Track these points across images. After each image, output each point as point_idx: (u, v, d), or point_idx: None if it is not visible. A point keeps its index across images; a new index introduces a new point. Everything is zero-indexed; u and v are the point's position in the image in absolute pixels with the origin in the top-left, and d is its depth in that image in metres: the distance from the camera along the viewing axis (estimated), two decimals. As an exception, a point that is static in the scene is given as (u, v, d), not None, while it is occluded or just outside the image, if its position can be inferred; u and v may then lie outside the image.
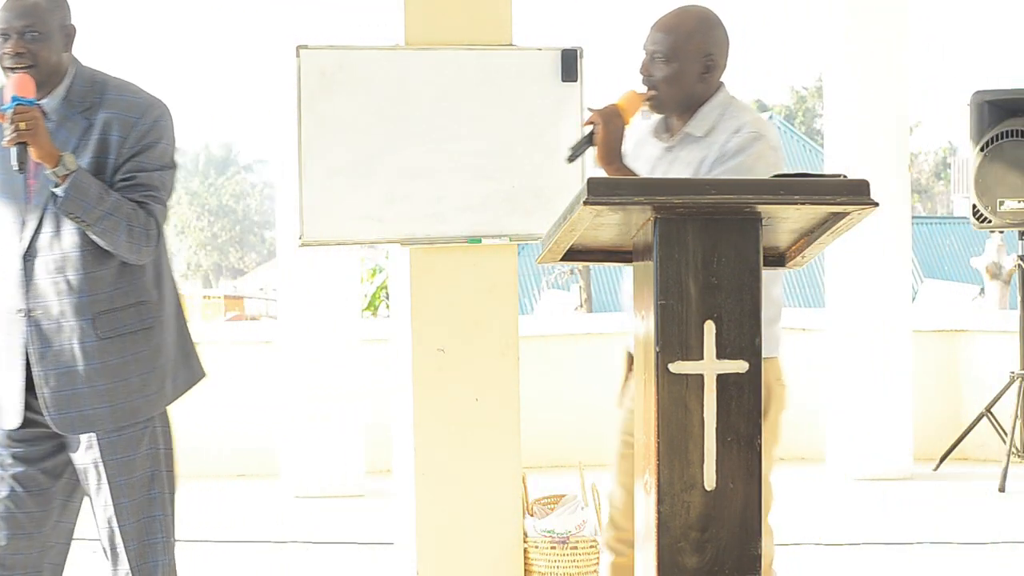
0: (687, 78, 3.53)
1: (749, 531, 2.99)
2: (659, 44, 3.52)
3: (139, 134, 3.57)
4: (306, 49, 4.97)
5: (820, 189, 2.99)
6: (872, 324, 7.62)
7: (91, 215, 3.47)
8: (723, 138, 3.49)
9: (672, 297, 2.98)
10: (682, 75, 3.52)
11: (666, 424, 2.97)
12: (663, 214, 2.97)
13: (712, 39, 3.55)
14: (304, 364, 7.29)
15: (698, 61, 3.53)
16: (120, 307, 3.59)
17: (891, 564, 5.95)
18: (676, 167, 3.55)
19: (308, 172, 4.94)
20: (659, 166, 3.59)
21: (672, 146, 3.59)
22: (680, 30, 3.52)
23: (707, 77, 3.55)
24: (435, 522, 5.12)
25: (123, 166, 3.56)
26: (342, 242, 5.18)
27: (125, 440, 3.67)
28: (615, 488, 3.69)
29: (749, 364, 2.99)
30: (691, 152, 3.53)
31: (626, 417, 3.66)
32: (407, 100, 5.02)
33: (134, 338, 3.61)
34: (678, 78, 3.52)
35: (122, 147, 3.56)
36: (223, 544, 6.37)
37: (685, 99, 3.55)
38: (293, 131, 4.98)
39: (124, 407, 3.64)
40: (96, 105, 3.57)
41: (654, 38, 3.54)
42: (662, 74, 3.52)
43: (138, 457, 3.73)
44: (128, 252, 3.55)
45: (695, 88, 3.54)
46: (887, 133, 7.62)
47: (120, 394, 3.62)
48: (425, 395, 5.10)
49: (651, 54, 3.54)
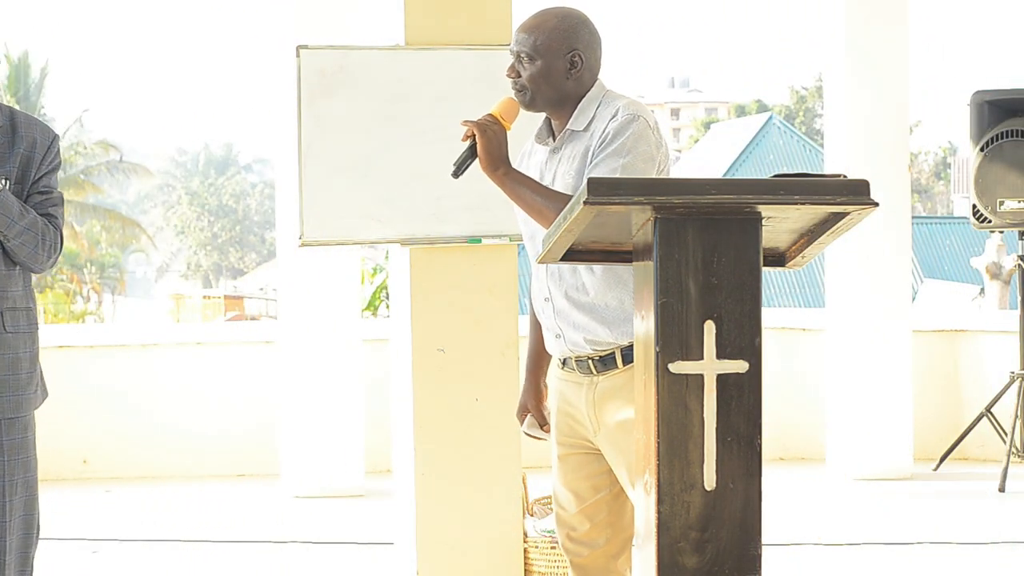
0: (554, 75, 3.56)
1: (749, 531, 2.99)
2: (522, 44, 3.56)
3: (52, 155, 3.93)
4: (306, 49, 4.98)
5: (820, 189, 2.99)
6: (872, 324, 7.62)
7: (13, 230, 3.77)
8: (601, 125, 3.52)
9: (672, 297, 2.98)
10: (548, 72, 3.56)
11: (666, 424, 2.97)
12: (663, 214, 2.97)
13: (575, 37, 3.58)
14: (304, 364, 7.29)
15: (562, 58, 3.56)
16: (21, 307, 3.88)
17: (891, 564, 5.95)
18: (563, 164, 3.58)
19: (308, 172, 4.94)
20: (548, 168, 3.62)
21: (557, 146, 3.62)
22: (541, 28, 3.56)
23: (574, 74, 3.58)
24: (435, 522, 5.12)
25: (39, 181, 3.89)
26: (342, 242, 5.18)
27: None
28: (559, 489, 3.73)
29: (749, 364, 2.99)
30: (575, 147, 3.56)
31: (559, 419, 3.71)
32: (407, 100, 5.02)
33: (26, 338, 3.89)
34: (544, 75, 3.55)
35: (41, 164, 3.90)
36: (223, 544, 6.38)
37: (556, 96, 3.58)
38: (293, 131, 4.98)
39: (11, 399, 3.84)
40: (13, 127, 3.88)
41: (517, 39, 3.58)
42: (528, 73, 3.56)
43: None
44: (35, 262, 3.86)
45: (564, 85, 3.57)
46: (887, 133, 7.62)
47: (11, 387, 3.83)
48: (425, 395, 5.10)
49: (516, 55, 3.58)
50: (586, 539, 3.68)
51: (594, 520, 3.67)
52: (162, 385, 7.94)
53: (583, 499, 3.68)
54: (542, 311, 3.68)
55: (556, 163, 3.60)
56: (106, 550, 6.26)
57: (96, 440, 7.81)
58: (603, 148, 3.48)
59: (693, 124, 65.67)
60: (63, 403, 7.00)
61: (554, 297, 3.61)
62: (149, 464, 7.85)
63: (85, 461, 7.79)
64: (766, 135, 38.11)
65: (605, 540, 3.68)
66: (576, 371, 3.62)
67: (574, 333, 3.59)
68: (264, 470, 7.76)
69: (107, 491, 7.52)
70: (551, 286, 3.61)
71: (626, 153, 3.46)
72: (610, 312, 3.53)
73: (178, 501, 7.30)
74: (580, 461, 3.67)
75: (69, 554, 6.13)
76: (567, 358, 3.64)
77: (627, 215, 3.03)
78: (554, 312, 3.62)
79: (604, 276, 3.53)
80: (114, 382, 7.91)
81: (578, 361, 3.61)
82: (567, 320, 3.60)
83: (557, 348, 3.66)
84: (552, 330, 3.65)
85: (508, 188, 3.52)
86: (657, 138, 3.53)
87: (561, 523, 3.73)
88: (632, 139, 3.47)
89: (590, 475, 3.66)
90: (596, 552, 3.68)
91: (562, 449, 3.71)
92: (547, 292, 3.63)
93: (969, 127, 7.60)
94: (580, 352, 3.59)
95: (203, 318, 37.76)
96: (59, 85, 67.45)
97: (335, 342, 7.29)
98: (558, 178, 3.57)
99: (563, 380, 3.68)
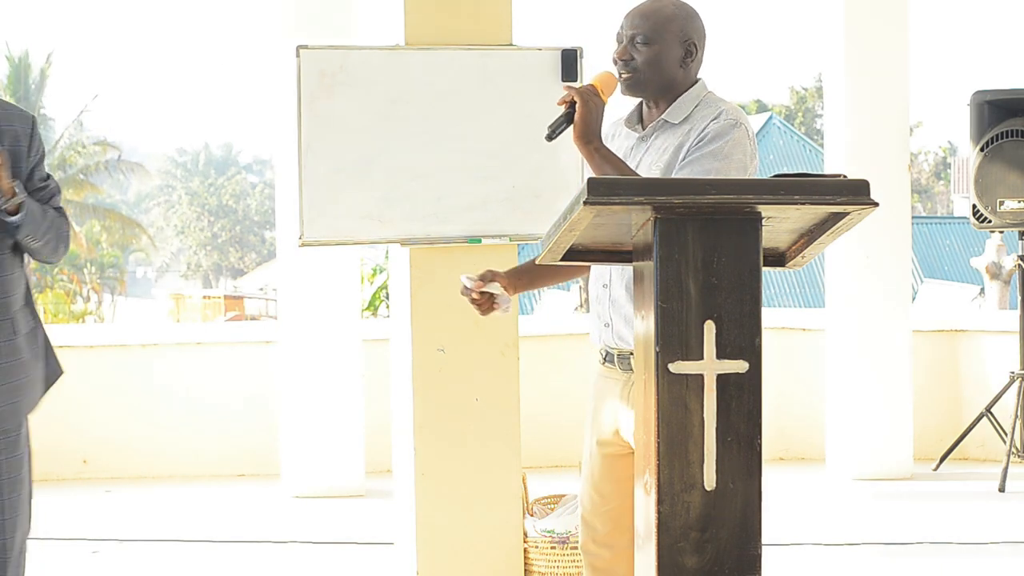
0: (667, 62, 3.51)
1: (749, 531, 2.99)
2: (639, 28, 3.50)
3: (36, 143, 3.80)
4: (306, 49, 4.98)
5: (820, 189, 2.99)
6: (872, 324, 7.62)
7: (38, 233, 3.73)
8: (701, 124, 3.47)
9: (672, 297, 2.98)
10: (662, 59, 3.50)
11: (666, 424, 2.96)
12: (663, 214, 2.97)
13: (691, 26, 3.54)
14: (304, 364, 7.29)
15: (678, 46, 3.51)
16: (28, 305, 3.81)
17: (891, 564, 5.95)
18: (651, 154, 3.52)
19: (308, 172, 4.94)
20: (634, 154, 3.56)
21: (647, 135, 3.56)
22: (660, 14, 3.51)
23: (687, 63, 3.53)
24: (435, 522, 5.12)
25: (32, 174, 3.78)
26: (342, 242, 5.18)
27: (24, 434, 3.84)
28: (587, 489, 3.69)
29: (749, 364, 2.99)
30: (666, 139, 3.51)
31: (595, 418, 3.65)
32: (407, 100, 5.02)
33: (31, 336, 3.82)
34: (658, 61, 3.50)
35: (28, 156, 3.77)
36: (223, 544, 6.38)
37: (665, 84, 3.52)
38: (293, 131, 4.98)
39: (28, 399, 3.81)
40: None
41: (633, 22, 3.51)
42: (642, 57, 3.50)
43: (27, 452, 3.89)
44: (54, 257, 3.82)
45: (675, 74, 3.52)
46: (887, 133, 7.62)
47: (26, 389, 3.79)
48: (425, 395, 5.10)
49: (630, 38, 3.51)
50: (608, 541, 3.64)
51: (619, 523, 3.60)
52: (162, 385, 7.94)
53: (608, 501, 3.63)
54: (597, 298, 3.61)
55: (643, 151, 3.55)
56: (106, 550, 6.26)
57: (96, 440, 7.81)
58: (700, 147, 3.43)
59: (693, 124, 65.57)
60: (63, 403, 6.99)
61: (613, 285, 3.55)
62: (149, 464, 7.85)
63: (85, 461, 7.79)
64: (766, 135, 38.11)
65: (627, 543, 3.58)
66: (617, 367, 3.57)
67: (624, 327, 3.53)
68: (264, 470, 7.76)
69: (107, 491, 7.52)
70: (613, 273, 3.55)
71: (723, 158, 3.41)
72: None
73: (178, 501, 7.30)
74: (612, 462, 3.62)
75: (69, 554, 6.13)
76: (610, 352, 3.59)
77: (627, 215, 3.03)
78: (610, 300, 3.56)
79: None
80: (114, 382, 7.91)
81: (620, 357, 3.55)
82: (621, 312, 3.53)
83: (603, 338, 3.60)
84: (603, 318, 3.58)
85: (595, 163, 3.43)
86: (753, 149, 3.48)
87: (585, 524, 3.69)
88: (731, 145, 3.43)
89: (620, 478, 3.59)
90: (616, 556, 3.63)
91: (595, 448, 3.65)
92: (607, 279, 3.57)
93: (969, 127, 7.60)
94: (624, 347, 3.54)
95: (203, 318, 37.74)
96: (59, 85, 67.49)
97: (335, 342, 7.29)
98: (643, 166, 3.51)
99: (603, 377, 3.63)
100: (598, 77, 3.52)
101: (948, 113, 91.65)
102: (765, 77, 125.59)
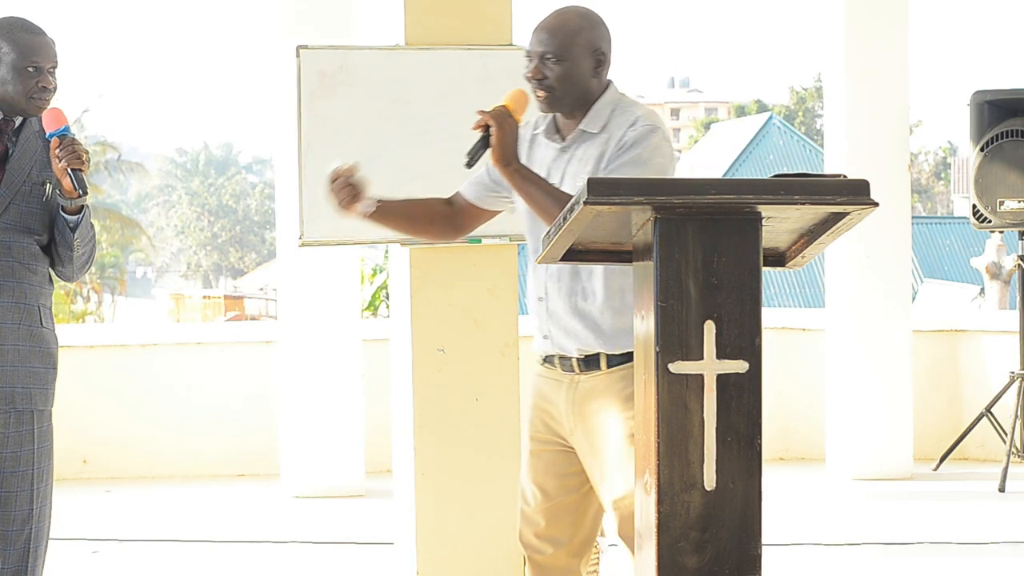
0: (580, 76, 3.54)
1: (749, 531, 2.99)
2: (547, 46, 3.52)
3: None
4: (306, 49, 4.98)
5: (820, 189, 2.99)
6: (872, 324, 7.62)
7: (85, 239, 3.82)
8: (619, 132, 3.51)
9: (672, 297, 2.98)
10: (575, 73, 3.53)
11: (666, 424, 2.97)
12: (663, 214, 2.97)
13: (598, 35, 3.57)
14: (304, 364, 7.29)
15: (588, 57, 3.55)
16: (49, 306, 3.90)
17: (891, 564, 5.95)
18: (574, 164, 3.56)
19: (308, 172, 4.94)
20: (556, 167, 3.60)
21: (567, 145, 3.60)
22: (566, 29, 3.53)
23: (599, 72, 3.57)
24: (435, 522, 5.12)
25: None
26: (342, 242, 5.18)
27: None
28: (528, 485, 3.73)
29: (749, 364, 2.99)
30: (588, 149, 3.55)
31: (534, 416, 3.70)
32: (407, 100, 5.02)
33: (53, 335, 3.92)
34: (571, 76, 3.53)
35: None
36: (223, 544, 6.38)
37: (579, 96, 3.56)
38: (293, 131, 4.98)
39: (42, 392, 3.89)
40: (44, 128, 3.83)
41: (541, 40, 3.54)
42: (555, 74, 3.52)
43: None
44: (81, 272, 3.91)
45: (588, 84, 3.56)
46: (887, 133, 7.62)
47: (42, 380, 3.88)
48: (425, 395, 5.10)
49: (540, 56, 3.54)
50: (549, 536, 3.69)
51: (559, 519, 3.67)
52: (162, 385, 7.93)
53: (550, 497, 3.68)
54: (535, 311, 3.66)
55: (566, 163, 3.58)
56: (106, 550, 6.26)
57: (96, 440, 7.81)
58: (620, 155, 3.48)
59: (693, 124, 65.68)
60: (63, 403, 6.98)
61: (550, 298, 3.60)
62: (149, 464, 7.85)
63: (85, 461, 7.79)
64: (766, 135, 38.14)
65: (568, 539, 3.69)
66: (558, 368, 3.62)
67: (564, 338, 3.58)
68: (264, 470, 7.76)
69: (107, 491, 7.52)
70: (549, 286, 3.60)
71: (642, 163, 3.46)
72: (605, 321, 3.53)
73: (178, 501, 7.30)
74: (552, 459, 3.67)
75: (69, 554, 6.13)
76: (550, 356, 3.64)
77: (627, 215, 3.03)
78: (547, 313, 3.61)
79: (605, 283, 3.51)
80: (114, 382, 7.91)
81: (562, 359, 3.60)
82: (560, 324, 3.58)
83: (543, 347, 3.65)
84: (542, 330, 3.64)
85: (517, 183, 3.50)
86: (671, 151, 3.54)
87: (526, 519, 3.74)
88: (650, 150, 3.48)
89: (561, 474, 3.66)
90: (559, 551, 3.69)
91: (535, 445, 3.71)
92: (543, 292, 3.62)
93: (969, 127, 7.60)
94: (565, 353, 3.59)
95: (203, 318, 37.76)
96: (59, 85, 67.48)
97: (335, 342, 7.29)
98: (567, 178, 3.55)
99: (543, 377, 3.68)
100: (510, 96, 3.56)
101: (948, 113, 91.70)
102: (765, 77, 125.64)
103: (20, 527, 3.82)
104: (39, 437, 3.85)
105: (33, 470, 3.83)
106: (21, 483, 3.82)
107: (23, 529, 3.82)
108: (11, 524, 3.81)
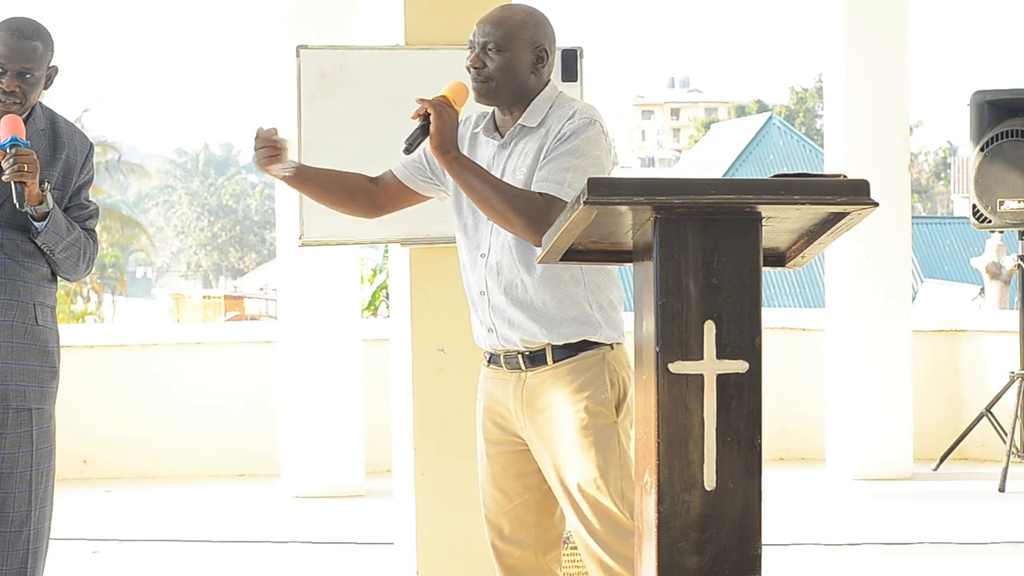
0: (519, 69, 3.57)
1: (749, 531, 2.99)
2: (490, 35, 3.56)
3: (89, 165, 3.96)
4: (306, 49, 4.98)
5: (820, 189, 2.99)
6: (872, 324, 7.62)
7: (60, 245, 3.83)
8: (557, 125, 3.54)
9: (672, 297, 2.97)
10: (514, 65, 3.56)
11: (666, 424, 2.96)
12: (663, 214, 2.97)
13: (542, 32, 3.60)
14: (304, 364, 7.29)
15: (530, 52, 3.57)
16: (49, 305, 3.94)
17: (891, 564, 5.95)
18: (514, 159, 3.59)
19: (308, 172, 4.93)
20: (496, 162, 3.62)
21: (506, 142, 3.62)
22: (511, 22, 3.57)
23: (538, 69, 3.59)
24: (435, 522, 5.12)
25: (79, 192, 3.94)
26: (342, 242, 5.18)
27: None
28: (487, 488, 3.73)
29: (749, 364, 2.99)
30: (527, 143, 3.58)
31: (486, 419, 3.72)
32: (407, 100, 4.99)
33: (52, 334, 3.94)
34: (510, 68, 3.56)
35: (80, 172, 3.93)
36: (223, 544, 6.38)
37: (517, 90, 3.58)
38: (293, 131, 4.98)
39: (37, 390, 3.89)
40: (55, 132, 3.90)
41: (484, 30, 3.57)
42: (494, 64, 3.56)
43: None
44: (73, 274, 3.93)
45: (527, 80, 3.58)
46: (887, 133, 7.62)
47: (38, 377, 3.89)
48: (425, 395, 5.10)
49: (482, 46, 3.57)
50: (515, 538, 3.69)
51: (523, 519, 3.68)
52: (162, 385, 7.94)
53: (511, 498, 3.69)
54: (475, 305, 3.68)
55: (505, 158, 3.61)
56: (106, 550, 6.27)
57: (96, 440, 7.81)
58: (557, 146, 3.51)
59: (693, 124, 65.72)
60: (63, 403, 6.98)
61: (491, 291, 3.61)
62: (149, 464, 7.85)
63: (85, 461, 7.79)
64: (766, 135, 38.16)
65: (534, 539, 3.70)
66: (504, 367, 3.64)
67: (508, 330, 3.59)
68: (264, 470, 7.75)
69: (107, 491, 7.52)
70: (488, 280, 3.61)
71: (579, 155, 3.49)
72: (547, 311, 3.55)
73: (178, 501, 7.30)
74: (509, 460, 3.68)
75: (69, 554, 6.13)
76: (496, 354, 3.65)
77: (627, 215, 3.03)
78: (489, 307, 3.62)
79: (543, 275, 3.54)
80: (114, 382, 7.91)
81: (507, 357, 3.62)
82: (502, 317, 3.60)
83: (488, 342, 3.67)
84: (485, 324, 3.65)
85: (455, 171, 3.51)
86: (608, 144, 3.57)
87: (490, 523, 3.74)
88: (586, 142, 3.51)
89: (520, 474, 3.67)
90: (526, 551, 3.70)
91: (490, 448, 3.72)
92: (484, 286, 3.63)
93: (969, 127, 7.60)
94: (510, 348, 3.61)
95: (203, 318, 37.75)
96: (59, 85, 67.49)
97: (335, 342, 7.29)
98: (508, 173, 3.58)
99: (490, 379, 3.69)
100: (450, 88, 3.61)
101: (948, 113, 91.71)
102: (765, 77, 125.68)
103: (18, 529, 3.81)
104: (38, 438, 3.84)
105: (31, 471, 3.82)
106: (19, 485, 3.81)
107: (21, 531, 3.81)
108: (9, 526, 3.80)
